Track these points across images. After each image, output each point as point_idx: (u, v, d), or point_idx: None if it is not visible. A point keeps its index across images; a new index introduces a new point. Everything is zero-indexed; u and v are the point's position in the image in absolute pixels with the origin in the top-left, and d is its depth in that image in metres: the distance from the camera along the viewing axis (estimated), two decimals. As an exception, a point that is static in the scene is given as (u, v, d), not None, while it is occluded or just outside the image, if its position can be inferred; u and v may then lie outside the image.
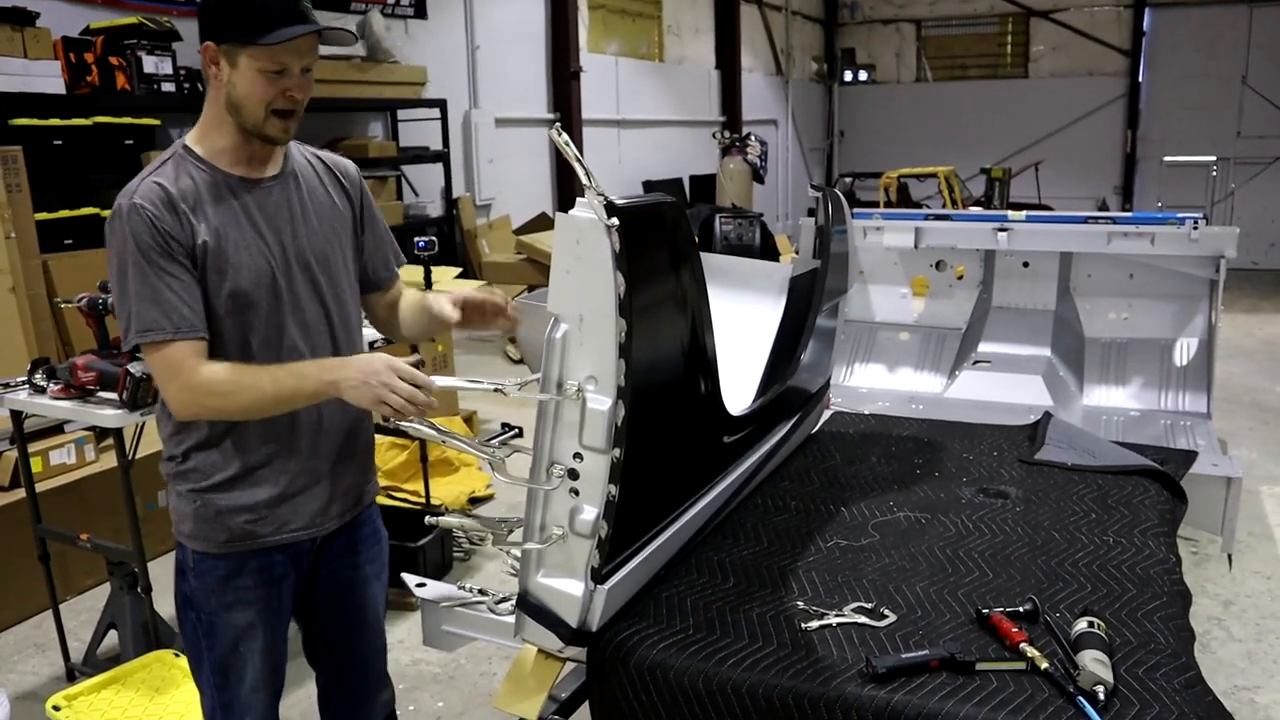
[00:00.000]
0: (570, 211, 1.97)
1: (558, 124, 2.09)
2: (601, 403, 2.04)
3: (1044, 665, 2.10)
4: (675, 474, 2.54)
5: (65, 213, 5.96)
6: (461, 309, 2.26)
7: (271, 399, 1.99)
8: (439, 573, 4.58)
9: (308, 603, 2.34)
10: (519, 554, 2.25)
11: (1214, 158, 12.88)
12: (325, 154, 2.31)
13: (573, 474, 2.12)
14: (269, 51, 1.96)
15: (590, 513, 2.13)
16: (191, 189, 2.01)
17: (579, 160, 1.95)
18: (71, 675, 3.84)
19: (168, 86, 7.24)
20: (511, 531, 2.29)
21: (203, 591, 2.17)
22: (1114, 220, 4.97)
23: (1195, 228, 4.73)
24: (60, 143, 6.05)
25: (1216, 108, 16.98)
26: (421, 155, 10.27)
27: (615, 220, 1.93)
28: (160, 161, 2.06)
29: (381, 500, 5.14)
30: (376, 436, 5.74)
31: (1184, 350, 5.10)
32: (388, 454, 5.58)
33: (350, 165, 2.35)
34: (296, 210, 2.15)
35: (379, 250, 2.37)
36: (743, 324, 3.43)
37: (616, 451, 2.07)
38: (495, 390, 2.10)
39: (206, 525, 2.13)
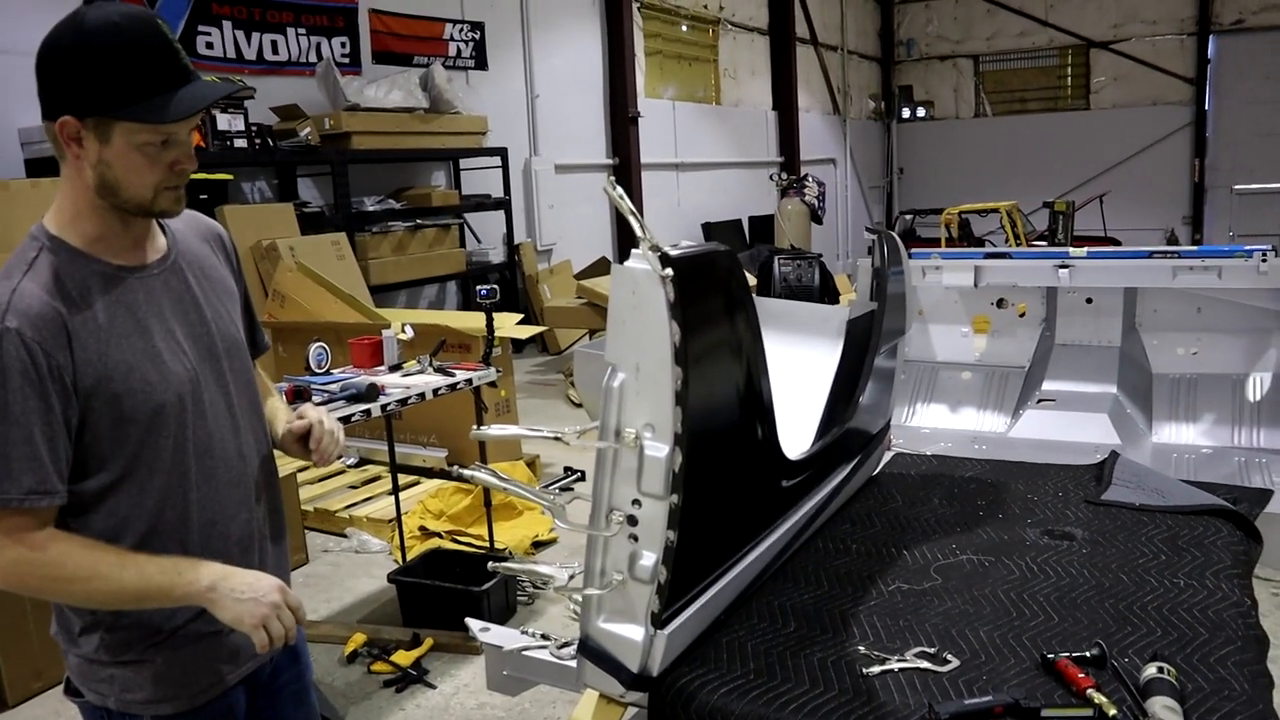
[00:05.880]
0: (625, 263, 2.01)
1: (612, 178, 2.10)
2: (659, 450, 2.07)
3: (1112, 712, 2.06)
4: (734, 519, 2.55)
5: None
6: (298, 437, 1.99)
7: (130, 595, 1.63)
8: (503, 616, 4.62)
9: None
10: (580, 599, 2.28)
11: (1286, 185, 12.62)
12: (193, 215, 1.92)
13: (632, 520, 2.15)
14: (156, 125, 1.59)
15: (649, 558, 2.15)
16: (76, 295, 1.62)
17: (633, 213, 2.00)
18: None
19: (240, 143, 7.58)
20: (573, 578, 2.32)
21: None
22: (1179, 255, 4.90)
23: (1264, 260, 4.65)
24: (139, 199, 6.28)
25: (1287, 134, 16.67)
26: (483, 203, 10.52)
27: (669, 271, 1.97)
28: (26, 261, 1.62)
29: (446, 545, 5.27)
30: (440, 481, 5.66)
31: (1257, 385, 4.98)
32: (452, 498, 5.66)
33: (218, 225, 2.00)
34: (197, 295, 1.81)
35: (250, 315, 2.04)
36: (801, 369, 3.44)
37: (674, 498, 2.10)
38: (555, 439, 2.15)
39: (177, 677, 1.78)
